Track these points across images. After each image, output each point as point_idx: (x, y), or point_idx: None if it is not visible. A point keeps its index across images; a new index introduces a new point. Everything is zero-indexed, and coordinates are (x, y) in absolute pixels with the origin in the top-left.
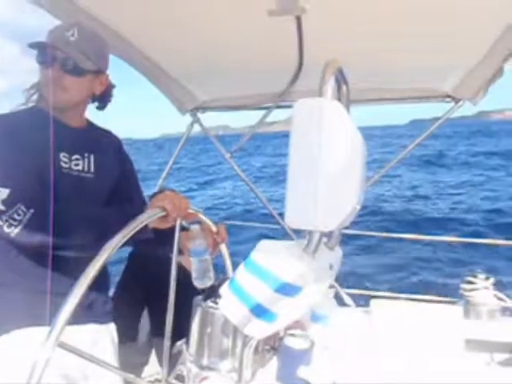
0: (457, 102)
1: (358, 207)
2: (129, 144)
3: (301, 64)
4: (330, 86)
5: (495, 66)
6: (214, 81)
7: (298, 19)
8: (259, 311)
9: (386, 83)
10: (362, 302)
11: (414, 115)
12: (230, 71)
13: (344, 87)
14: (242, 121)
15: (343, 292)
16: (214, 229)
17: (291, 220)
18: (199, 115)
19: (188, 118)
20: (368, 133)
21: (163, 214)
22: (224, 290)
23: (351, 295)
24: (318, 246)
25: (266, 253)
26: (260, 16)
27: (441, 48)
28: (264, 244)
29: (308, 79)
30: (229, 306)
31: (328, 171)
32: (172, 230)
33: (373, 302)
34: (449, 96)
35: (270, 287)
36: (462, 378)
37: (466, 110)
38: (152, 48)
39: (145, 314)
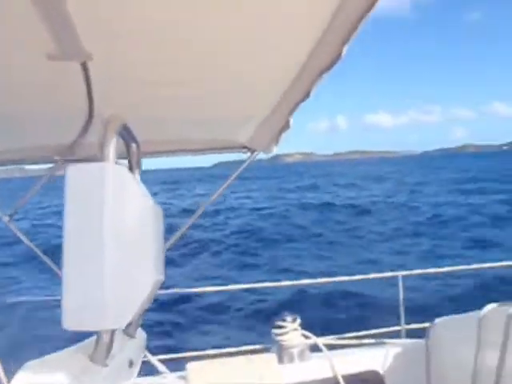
0: (252, 153)
1: (162, 279)
2: None
3: (91, 114)
4: (113, 147)
5: (283, 119)
6: None
7: (84, 65)
8: None
9: (183, 134)
10: (175, 366)
11: (219, 158)
12: (7, 121)
13: (133, 145)
14: None
15: (155, 360)
16: None
17: (71, 321)
18: None
19: None
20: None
21: None
22: None
23: (164, 361)
24: (111, 348)
25: (32, 379)
26: (41, 60)
27: (234, 102)
28: (30, 366)
29: (99, 131)
30: None
31: (116, 249)
32: None
33: (189, 366)
34: (245, 147)
35: None
36: None
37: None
38: None
39: None
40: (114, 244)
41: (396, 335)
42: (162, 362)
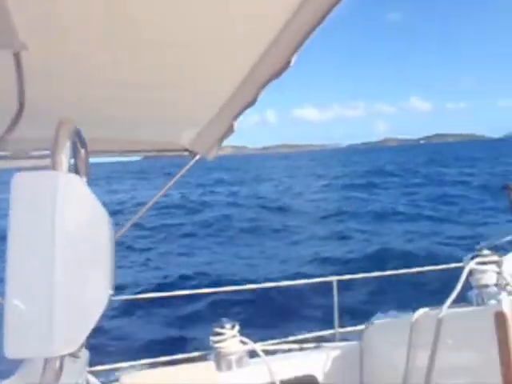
0: (193, 157)
1: (112, 293)
2: None
3: (21, 108)
4: (66, 154)
5: (226, 123)
6: None
7: (17, 56)
8: None
9: (126, 135)
10: (111, 376)
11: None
12: None
13: (82, 151)
14: None
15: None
16: None
17: (15, 347)
18: None
19: None
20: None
21: None
22: None
23: (97, 373)
24: (60, 375)
25: None
26: None
27: (178, 105)
28: None
29: (30, 125)
30: None
31: (67, 265)
32: None
33: (123, 377)
34: (186, 150)
35: None
36: None
37: None
38: None
39: None
40: (66, 260)
41: (332, 338)
42: (94, 373)
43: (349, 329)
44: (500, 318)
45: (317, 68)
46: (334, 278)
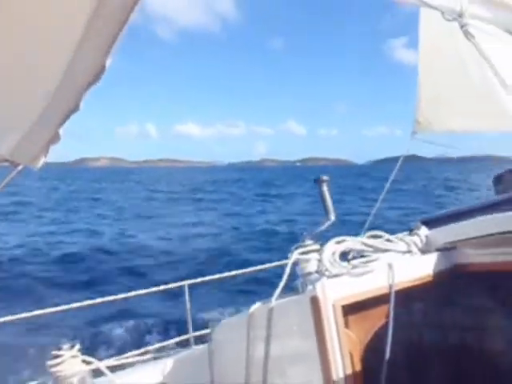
0: (16, 166)
1: None
2: None
3: None
4: None
5: (51, 131)
6: None
7: None
8: None
9: None
10: None
11: None
12: None
13: None
14: None
15: None
16: None
17: None
18: None
19: None
20: None
21: None
22: None
23: None
24: None
25: None
26: None
27: None
28: None
29: None
30: None
31: None
32: None
33: None
34: (7, 160)
35: None
36: None
37: (65, 156)
38: None
39: None
40: None
41: (187, 343)
42: None
43: (203, 332)
44: (314, 302)
45: (199, 85)
46: (185, 282)
